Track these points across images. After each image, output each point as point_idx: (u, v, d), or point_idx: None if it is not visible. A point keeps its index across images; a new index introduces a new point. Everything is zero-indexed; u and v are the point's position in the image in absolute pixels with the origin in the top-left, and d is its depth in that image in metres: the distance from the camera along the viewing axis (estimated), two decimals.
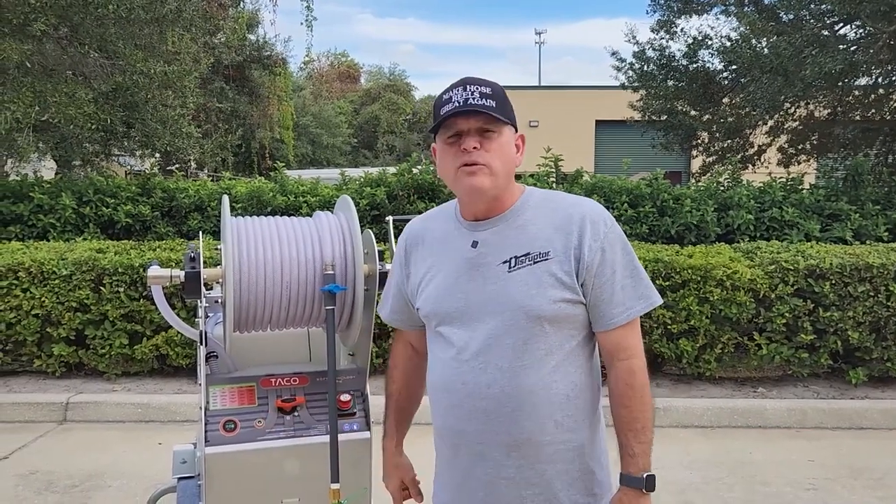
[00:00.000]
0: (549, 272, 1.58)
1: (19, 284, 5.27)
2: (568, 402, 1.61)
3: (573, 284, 1.58)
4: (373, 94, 39.30)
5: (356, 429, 2.13)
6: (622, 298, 1.60)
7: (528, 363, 1.58)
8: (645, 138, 12.55)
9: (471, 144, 1.57)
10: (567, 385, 1.61)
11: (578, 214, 1.61)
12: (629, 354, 1.62)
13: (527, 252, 1.60)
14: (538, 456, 1.61)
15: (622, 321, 1.60)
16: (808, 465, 4.25)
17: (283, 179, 7.44)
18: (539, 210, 1.66)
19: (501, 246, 1.62)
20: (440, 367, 1.69)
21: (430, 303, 1.69)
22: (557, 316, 1.58)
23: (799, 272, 5.14)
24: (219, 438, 2.02)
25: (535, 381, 1.58)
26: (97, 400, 5.07)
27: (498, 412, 1.59)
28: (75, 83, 7.28)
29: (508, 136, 1.63)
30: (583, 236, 1.59)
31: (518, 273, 1.59)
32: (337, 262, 2.01)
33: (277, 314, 2.02)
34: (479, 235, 1.65)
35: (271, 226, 2.04)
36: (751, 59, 9.02)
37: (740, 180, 7.53)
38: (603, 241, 1.59)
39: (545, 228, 1.62)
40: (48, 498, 3.79)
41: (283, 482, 2.08)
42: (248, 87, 18.57)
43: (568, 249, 1.59)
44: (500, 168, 1.60)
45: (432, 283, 1.70)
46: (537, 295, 1.57)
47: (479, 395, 1.60)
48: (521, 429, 1.59)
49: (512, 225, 1.64)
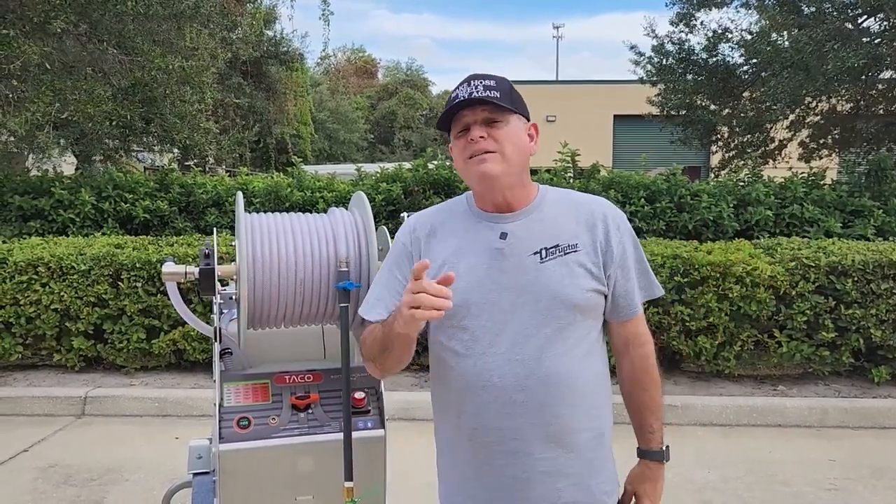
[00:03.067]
0: (578, 263, 1.62)
1: (39, 279, 5.32)
2: (595, 390, 1.67)
3: (600, 275, 1.64)
4: (390, 90, 39.31)
5: (370, 426, 2.12)
6: (636, 289, 1.70)
7: (562, 351, 1.61)
8: (664, 133, 12.43)
9: (477, 134, 1.59)
10: (593, 373, 1.67)
11: (600, 211, 1.68)
12: (644, 340, 1.73)
13: (556, 244, 1.63)
14: (573, 444, 1.63)
15: (638, 311, 1.71)
16: (829, 464, 4.19)
17: (300, 175, 7.45)
18: (558, 205, 1.70)
19: (530, 237, 1.64)
20: (467, 365, 1.62)
21: (456, 296, 1.54)
22: (588, 305, 1.63)
23: (820, 269, 5.07)
24: (233, 435, 2.02)
25: (569, 369, 1.61)
26: (115, 394, 5.11)
27: (536, 403, 1.60)
28: (94, 80, 7.33)
29: (517, 124, 1.64)
30: (609, 231, 1.65)
31: (550, 263, 1.62)
32: (351, 258, 2.00)
33: (291, 311, 2.01)
34: (506, 227, 1.65)
35: (285, 222, 2.03)
36: (771, 53, 8.90)
37: (760, 175, 7.43)
38: (623, 235, 1.67)
39: (569, 222, 1.66)
40: (66, 491, 3.82)
41: (297, 480, 2.08)
42: (265, 82, 18.58)
43: (595, 243, 1.64)
44: (511, 153, 1.60)
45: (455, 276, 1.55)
46: (571, 284, 1.61)
47: (517, 387, 1.60)
48: (558, 419, 1.61)
49: (536, 218, 1.66)
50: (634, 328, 1.72)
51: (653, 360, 1.74)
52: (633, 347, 1.73)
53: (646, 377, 1.73)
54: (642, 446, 1.75)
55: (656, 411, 1.74)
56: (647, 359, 1.73)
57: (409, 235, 1.74)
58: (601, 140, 21.44)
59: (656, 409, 1.74)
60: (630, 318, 1.71)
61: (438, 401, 1.76)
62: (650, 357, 1.74)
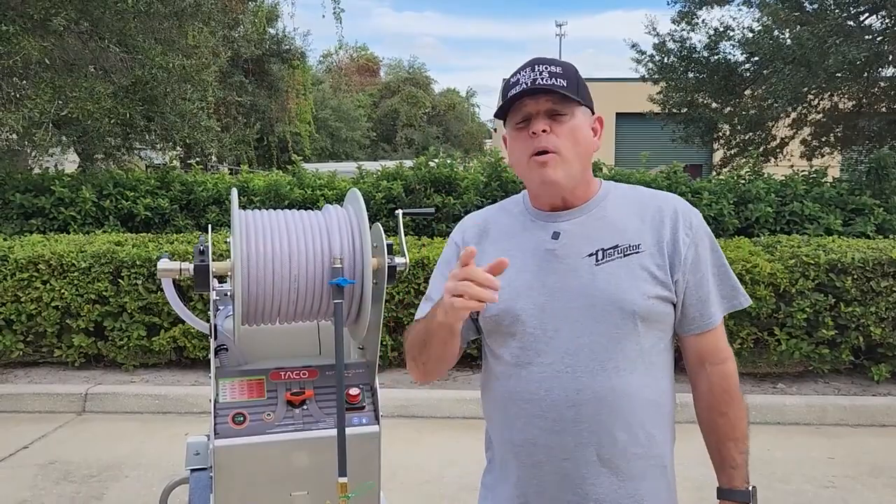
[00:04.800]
0: (641, 265, 1.43)
1: (39, 276, 5.33)
2: (658, 411, 1.47)
3: (667, 280, 1.44)
4: (392, 88, 39.29)
5: (365, 422, 2.12)
6: (714, 298, 1.48)
7: (620, 364, 1.42)
8: (665, 131, 12.42)
9: (539, 127, 1.43)
10: (656, 391, 1.47)
11: (669, 207, 1.49)
12: (724, 357, 1.50)
13: (615, 244, 1.45)
14: (631, 471, 1.44)
15: (715, 323, 1.48)
16: (829, 462, 4.18)
17: (300, 173, 7.45)
18: (622, 202, 1.52)
19: (586, 237, 1.47)
20: (514, 375, 1.48)
21: (503, 301, 1.44)
22: (651, 313, 1.43)
23: (820, 266, 5.06)
24: (228, 431, 2.02)
25: (627, 385, 1.42)
26: (115, 391, 5.13)
27: (588, 422, 1.42)
28: (95, 78, 7.35)
29: (582, 118, 1.47)
30: (676, 230, 1.46)
31: (607, 266, 1.44)
32: (345, 255, 2.00)
33: (286, 308, 2.01)
34: (560, 226, 1.50)
35: (280, 219, 2.03)
36: (773, 49, 8.90)
37: (762, 173, 7.42)
38: (696, 235, 1.47)
39: (632, 220, 1.48)
40: (66, 488, 3.84)
41: (293, 475, 2.08)
42: (267, 80, 18.61)
43: (660, 243, 1.45)
44: (572, 155, 1.45)
45: (503, 280, 1.40)
46: (630, 289, 1.42)
47: (568, 401, 1.42)
48: (613, 439, 1.42)
49: (595, 216, 1.50)
50: (712, 342, 1.49)
51: (735, 381, 1.50)
52: (711, 365, 1.50)
53: (726, 400, 1.48)
54: (724, 484, 1.49)
55: (740, 442, 1.47)
56: (727, 378, 1.49)
57: (462, 235, 1.63)
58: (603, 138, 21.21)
59: (740, 438, 1.48)
60: (705, 330, 1.48)
61: (486, 412, 1.60)
62: (731, 377, 1.49)
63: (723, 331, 1.51)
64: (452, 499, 3.74)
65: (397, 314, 5.39)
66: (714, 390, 1.49)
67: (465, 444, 4.30)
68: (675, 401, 1.53)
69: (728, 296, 1.51)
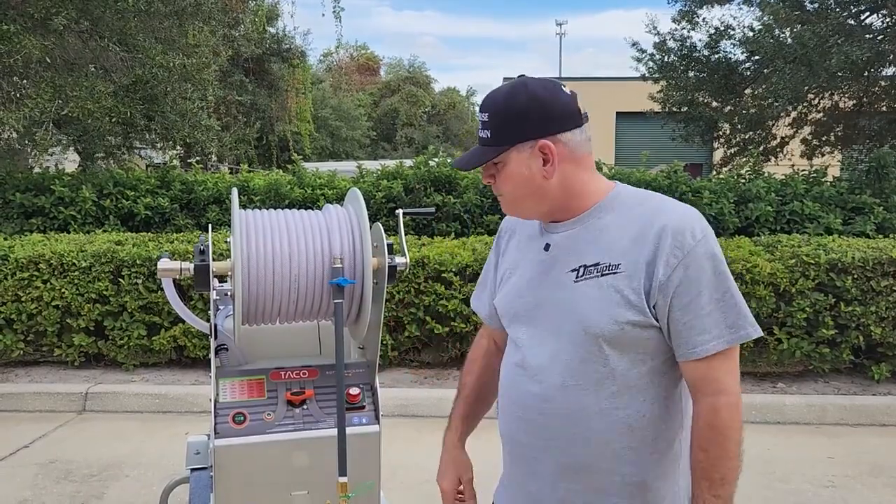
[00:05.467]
0: (615, 288, 1.38)
1: (40, 276, 5.34)
2: (631, 433, 1.42)
3: (640, 304, 1.37)
4: (392, 87, 39.28)
5: (365, 422, 2.12)
6: (708, 325, 1.36)
7: (583, 384, 1.42)
8: (666, 130, 12.42)
9: (484, 180, 1.52)
10: (631, 414, 1.42)
11: (660, 223, 1.38)
12: (715, 390, 1.37)
13: (597, 262, 1.42)
14: (592, 484, 1.46)
15: (706, 352, 1.36)
16: (828, 462, 4.19)
17: (300, 172, 7.46)
18: (622, 214, 1.45)
19: (573, 251, 1.46)
20: (507, 370, 1.58)
21: (505, 300, 1.58)
22: (620, 339, 1.39)
23: (820, 266, 5.06)
24: (228, 431, 2.03)
25: (590, 405, 1.42)
26: (116, 390, 5.13)
27: (553, 429, 1.47)
28: (95, 77, 7.35)
29: (517, 158, 1.44)
30: (659, 250, 1.36)
31: (584, 284, 1.42)
32: (346, 255, 2.00)
33: (286, 307, 2.02)
34: (552, 238, 1.51)
35: (280, 218, 2.04)
36: (774, 48, 8.89)
37: (762, 172, 7.42)
38: (686, 256, 1.35)
39: (623, 237, 1.42)
40: (66, 487, 3.84)
41: (293, 475, 2.08)
42: (267, 80, 18.64)
43: (640, 264, 1.38)
44: (518, 195, 1.47)
45: (510, 281, 1.59)
46: (598, 311, 1.39)
47: (537, 408, 1.48)
48: (575, 452, 1.46)
49: (591, 227, 1.46)
50: (701, 372, 1.38)
51: (726, 419, 1.36)
52: (701, 395, 1.39)
53: (708, 436, 1.37)
54: None
55: (716, 484, 1.36)
56: (715, 412, 1.36)
57: (500, 231, 1.74)
58: (603, 137, 21.41)
59: (715, 480, 1.36)
60: (689, 359, 1.38)
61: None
62: (721, 410, 1.36)
63: (722, 362, 1.38)
64: None
65: (398, 314, 5.39)
66: (698, 422, 1.40)
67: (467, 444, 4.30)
68: (674, 421, 1.46)
69: (732, 325, 1.36)
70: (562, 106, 1.43)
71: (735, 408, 1.38)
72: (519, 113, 1.42)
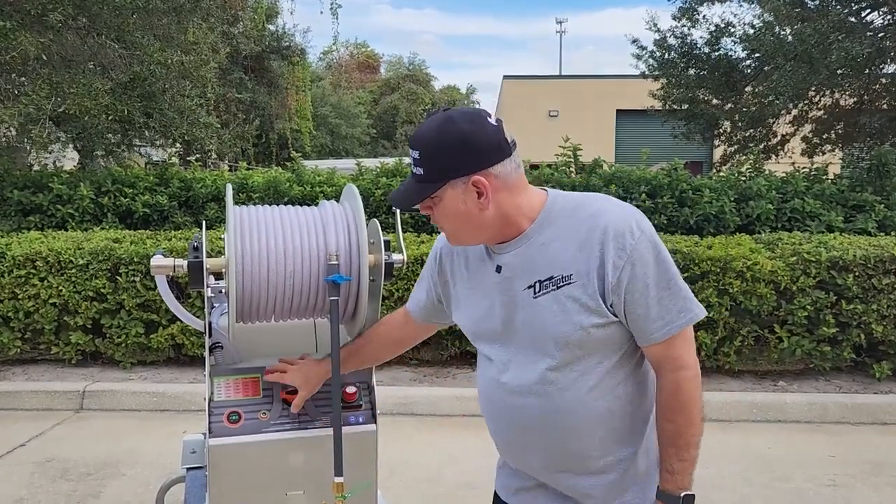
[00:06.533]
0: (572, 297, 1.47)
1: (37, 273, 5.31)
2: (611, 416, 1.54)
3: (599, 308, 1.46)
4: (392, 85, 39.25)
5: (361, 421, 2.09)
6: (660, 313, 1.46)
7: (563, 386, 1.51)
8: (666, 128, 12.39)
9: (423, 212, 1.57)
10: (609, 400, 1.53)
11: (600, 229, 1.46)
12: (676, 366, 1.50)
13: (550, 276, 1.49)
14: (592, 469, 1.57)
15: (661, 337, 1.47)
16: (829, 460, 4.16)
17: (299, 170, 7.43)
18: (561, 224, 1.52)
19: (524, 269, 1.53)
20: (486, 384, 1.66)
21: (470, 323, 1.68)
22: (589, 341, 1.48)
23: (821, 264, 5.03)
24: (223, 430, 1.99)
25: (571, 403, 1.52)
26: (113, 388, 5.10)
27: (541, 433, 1.56)
28: (93, 74, 7.31)
29: (452, 194, 1.49)
30: (605, 254, 1.45)
31: (543, 299, 1.50)
32: (341, 251, 1.97)
33: (281, 305, 1.98)
34: (501, 259, 1.57)
35: (275, 215, 2.00)
36: (775, 46, 8.86)
37: (763, 170, 7.40)
38: (631, 255, 1.44)
39: (568, 247, 1.49)
40: (62, 486, 3.82)
41: (288, 474, 2.05)
42: (266, 77, 18.59)
43: (590, 270, 1.46)
44: (455, 228, 1.56)
45: (471, 301, 1.67)
46: (563, 322, 1.47)
47: (521, 417, 1.58)
48: (565, 450, 1.56)
49: (535, 243, 1.53)
50: (660, 352, 1.50)
51: (687, 387, 1.49)
52: (665, 372, 1.51)
53: (674, 407, 1.50)
54: (659, 485, 1.53)
55: (682, 450, 1.50)
56: (676, 383, 1.49)
57: (439, 245, 1.80)
58: (604, 135, 21.37)
59: (682, 447, 1.49)
60: (650, 343, 1.49)
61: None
62: (682, 382, 1.49)
63: (678, 341, 1.49)
64: (451, 497, 3.72)
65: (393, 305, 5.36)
66: (662, 395, 1.52)
67: (465, 442, 4.28)
68: (648, 393, 1.58)
69: (681, 310, 1.47)
70: (490, 139, 1.47)
71: (695, 380, 1.52)
72: (449, 150, 1.47)
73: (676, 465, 1.50)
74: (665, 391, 1.51)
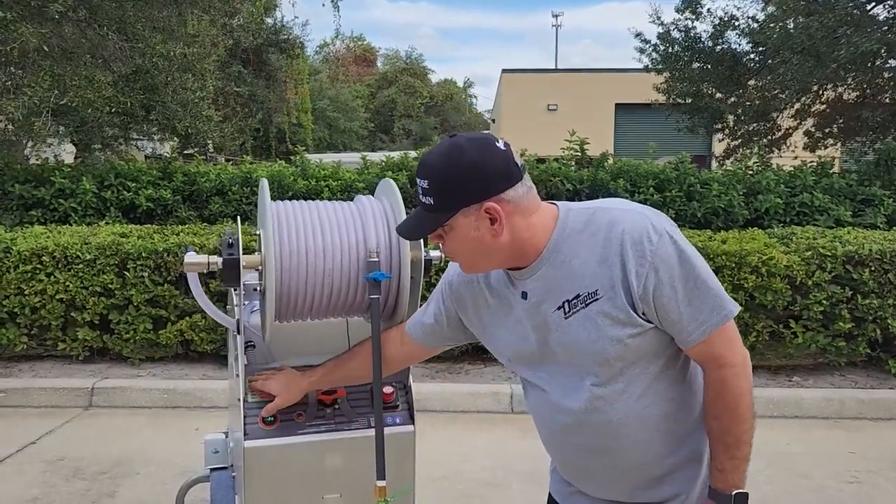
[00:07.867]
0: (602, 313, 1.45)
1: (43, 269, 5.23)
2: (666, 419, 1.53)
3: (631, 319, 1.43)
4: (389, 78, 39.10)
5: (399, 422, 2.06)
6: (692, 314, 1.43)
7: (611, 400, 1.50)
8: (665, 121, 12.34)
9: (433, 241, 1.56)
10: (662, 404, 1.52)
11: (617, 240, 1.43)
12: (718, 364, 1.47)
13: (576, 294, 1.47)
14: (647, 475, 1.57)
15: (698, 338, 1.44)
16: (849, 456, 4.13)
17: (304, 163, 7.35)
18: (577, 239, 1.49)
19: (550, 291, 1.51)
20: (534, 406, 1.68)
21: (507, 350, 1.66)
22: (628, 353, 1.46)
23: (837, 259, 5.00)
24: (258, 432, 1.95)
25: (622, 414, 1.51)
26: (123, 385, 5.04)
27: (599, 449, 1.56)
28: (94, 66, 7.21)
29: (464, 222, 1.46)
30: (627, 265, 1.42)
31: (574, 318, 1.48)
32: (381, 248, 1.91)
33: (319, 303, 1.93)
34: (525, 285, 1.54)
35: (312, 211, 1.95)
36: (780, 39, 8.80)
37: (769, 164, 7.36)
38: (652, 262, 1.41)
39: (588, 262, 1.46)
40: (77, 485, 3.76)
41: (325, 477, 2.01)
42: (265, 71, 18.44)
43: (615, 284, 1.43)
44: (467, 256, 1.54)
45: (501, 330, 1.64)
46: (599, 339, 1.45)
47: (576, 435, 1.57)
48: (625, 460, 1.56)
49: (555, 263, 1.50)
50: (702, 352, 1.47)
51: (732, 385, 1.46)
52: (709, 370, 1.49)
53: (719, 405, 1.47)
54: (710, 484, 1.51)
55: (731, 447, 1.47)
56: (721, 383, 1.46)
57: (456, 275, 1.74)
58: (602, 128, 21.31)
59: (732, 444, 1.47)
60: (691, 345, 1.46)
61: None
62: (727, 381, 1.46)
63: (718, 338, 1.45)
64: (470, 495, 3.67)
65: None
66: (709, 394, 1.50)
67: (480, 439, 4.23)
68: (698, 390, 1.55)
69: (714, 308, 1.43)
70: (499, 164, 1.44)
71: (740, 375, 1.47)
72: (460, 179, 1.44)
73: (726, 463, 1.48)
74: (710, 390, 1.50)
